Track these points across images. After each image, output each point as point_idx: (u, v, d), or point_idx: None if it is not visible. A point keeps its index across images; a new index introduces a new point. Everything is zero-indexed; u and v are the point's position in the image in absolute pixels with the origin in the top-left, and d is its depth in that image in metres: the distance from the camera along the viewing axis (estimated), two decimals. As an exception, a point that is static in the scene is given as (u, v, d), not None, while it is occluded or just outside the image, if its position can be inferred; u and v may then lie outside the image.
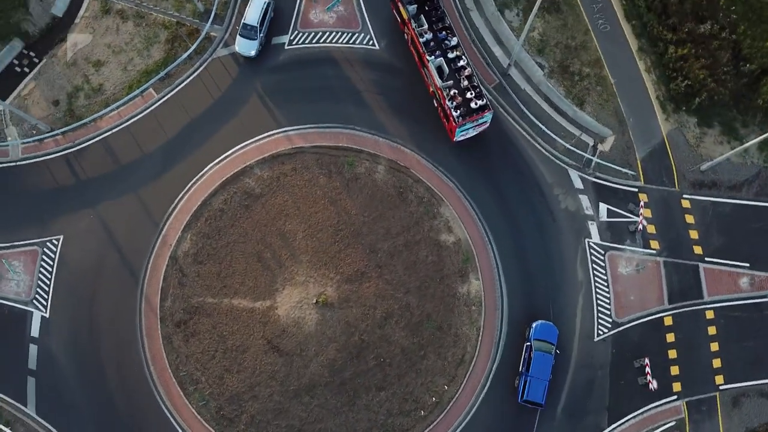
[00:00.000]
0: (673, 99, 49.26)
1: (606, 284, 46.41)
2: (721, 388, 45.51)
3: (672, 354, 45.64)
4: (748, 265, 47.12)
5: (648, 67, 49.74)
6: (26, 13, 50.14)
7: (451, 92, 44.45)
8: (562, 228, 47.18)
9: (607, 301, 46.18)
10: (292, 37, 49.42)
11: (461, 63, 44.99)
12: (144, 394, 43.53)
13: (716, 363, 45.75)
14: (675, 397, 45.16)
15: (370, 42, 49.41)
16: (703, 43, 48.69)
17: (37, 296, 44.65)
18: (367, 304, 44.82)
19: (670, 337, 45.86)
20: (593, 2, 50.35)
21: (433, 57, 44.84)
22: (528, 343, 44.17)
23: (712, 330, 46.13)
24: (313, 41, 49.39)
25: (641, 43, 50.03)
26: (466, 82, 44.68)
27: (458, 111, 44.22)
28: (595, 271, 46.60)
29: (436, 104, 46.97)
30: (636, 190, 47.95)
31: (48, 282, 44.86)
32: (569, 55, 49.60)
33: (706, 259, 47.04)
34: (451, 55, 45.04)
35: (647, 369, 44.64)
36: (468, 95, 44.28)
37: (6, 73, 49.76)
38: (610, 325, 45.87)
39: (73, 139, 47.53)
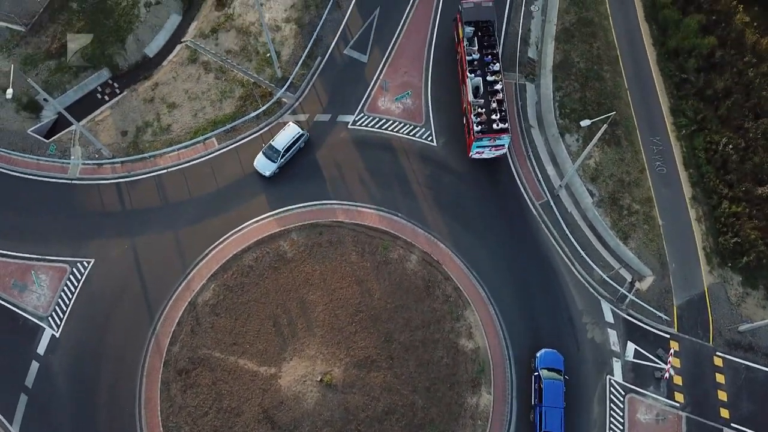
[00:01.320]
0: (719, 253, 46.24)
1: (622, 428, 42.07)
2: None
3: None
4: (776, 442, 42.31)
5: (699, 217, 47.14)
6: (121, 48, 51.40)
7: (480, 109, 45.48)
8: (585, 359, 43.51)
9: (620, 447, 41.81)
10: (357, 118, 48.98)
11: (497, 87, 46.27)
12: (128, 435, 40.63)
13: None
14: None
15: (430, 138, 48.52)
16: (759, 205, 46.03)
17: (53, 314, 42.88)
18: (371, 394, 41.47)
19: (681, 502, 40.89)
20: (653, 144, 48.71)
21: (473, 75, 46.29)
22: (536, 373, 41.60)
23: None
24: (376, 126, 48.82)
25: (695, 192, 47.69)
26: (495, 105, 45.73)
27: (480, 126, 44.87)
28: (612, 412, 42.40)
29: (464, 121, 47.48)
30: (668, 336, 44.24)
31: (68, 302, 43.16)
32: (621, 188, 47.54)
33: (733, 425, 42.34)
34: (490, 78, 46.34)
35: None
36: (493, 116, 45.35)
37: (88, 97, 50.67)
38: (618, 474, 41.29)
39: (129, 170, 47.16)
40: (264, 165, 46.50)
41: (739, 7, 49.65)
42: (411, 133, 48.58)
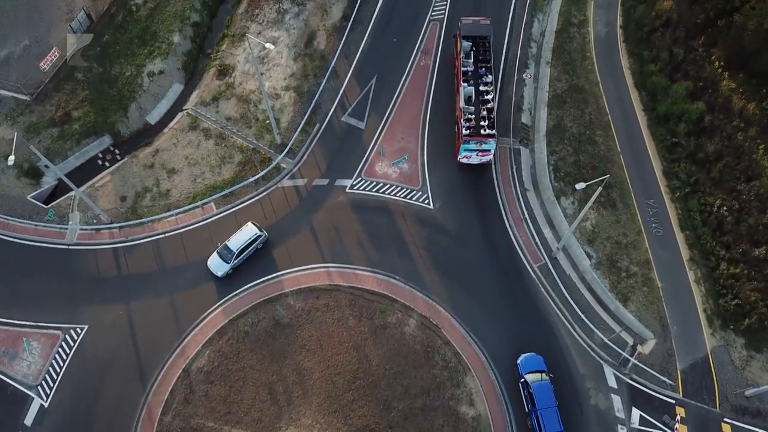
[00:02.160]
0: (721, 315, 45.49)
1: (630, 501, 40.18)
2: None
3: None
4: None
5: (698, 278, 46.67)
6: (123, 116, 52.16)
7: (470, 115, 47.72)
8: (588, 425, 41.95)
9: None
10: (354, 182, 49.20)
11: (488, 97, 48.69)
12: None
13: None
14: None
15: (426, 201, 48.62)
16: (757, 267, 45.64)
17: (43, 382, 41.51)
18: (369, 465, 39.80)
19: None
20: (649, 206, 48.81)
21: (466, 84, 48.82)
22: (522, 380, 41.88)
23: None
24: (373, 189, 48.96)
25: (693, 254, 47.41)
26: (485, 113, 47.95)
27: (468, 130, 46.93)
28: (619, 483, 40.66)
29: (456, 129, 49.16)
30: (673, 402, 42.86)
31: (58, 371, 41.85)
32: (619, 250, 47.28)
33: (744, 496, 40.60)
34: (482, 88, 48.94)
35: None
36: (482, 123, 47.60)
37: (89, 163, 50.97)
38: None
39: (127, 235, 46.88)
40: (217, 265, 44.79)
41: (724, 74, 50.89)
42: (408, 197, 48.68)
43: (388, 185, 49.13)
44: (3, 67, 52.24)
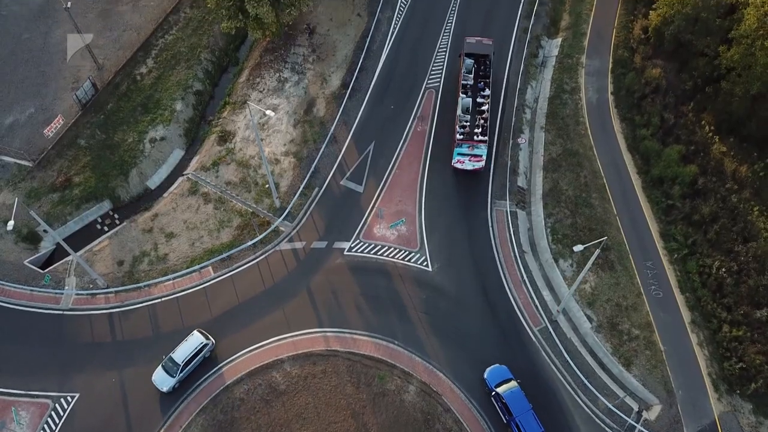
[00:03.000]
0: (726, 379, 44.47)
1: None
2: None
3: None
4: None
5: (701, 341, 45.92)
6: (124, 181, 52.66)
7: (465, 123, 51.21)
8: (597, 498, 40.37)
9: None
10: (352, 245, 49.12)
11: (484, 108, 52.23)
12: None
13: None
14: None
15: (425, 263, 48.43)
16: (760, 329, 45.01)
17: (29, 453, 40.23)
18: None
19: None
20: (647, 268, 48.59)
21: (464, 96, 52.44)
22: (493, 393, 42.38)
23: None
24: (372, 252, 48.87)
25: (694, 316, 46.84)
26: (481, 122, 51.29)
27: (462, 135, 50.45)
28: None
29: (453, 139, 52.04)
30: (683, 471, 41.44)
31: (46, 440, 40.66)
32: (619, 313, 46.72)
33: None
34: (479, 100, 52.58)
35: None
36: (476, 130, 50.97)
37: (87, 228, 51.10)
38: None
39: (123, 300, 46.35)
40: (162, 380, 42.02)
41: (715, 138, 51.88)
42: (406, 259, 48.53)
43: (386, 247, 49.07)
44: (8, 134, 53.17)
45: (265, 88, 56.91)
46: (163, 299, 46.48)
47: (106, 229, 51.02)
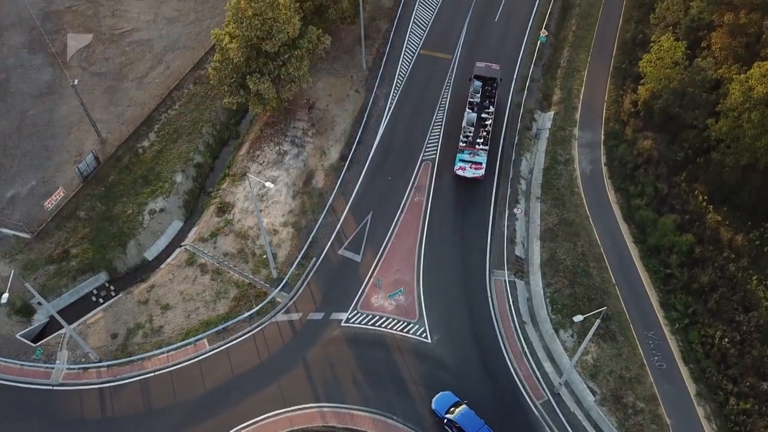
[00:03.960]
0: (737, 456, 43.06)
1: None
2: None
3: None
4: None
5: (708, 415, 44.66)
6: (122, 252, 52.65)
7: (469, 133, 56.42)
8: None
9: None
10: (350, 316, 48.59)
11: (487, 122, 57.40)
12: None
13: None
14: None
15: (424, 334, 47.75)
16: (767, 401, 44.10)
17: None
18: None
19: None
20: (649, 338, 47.88)
21: (470, 111, 57.71)
22: (445, 420, 42.69)
23: None
24: (369, 323, 48.27)
25: (699, 388, 45.79)
26: (483, 133, 56.58)
27: (464, 143, 55.63)
28: None
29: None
30: None
31: None
32: (623, 385, 45.65)
33: None
34: (484, 115, 57.93)
35: None
36: (478, 140, 56.12)
37: (83, 300, 50.62)
38: None
39: (115, 374, 45.31)
40: None
41: (709, 208, 52.50)
42: (405, 330, 47.88)
43: (384, 318, 48.53)
44: (8, 207, 53.61)
45: (265, 161, 57.95)
46: (156, 373, 45.47)
47: (101, 300, 50.52)
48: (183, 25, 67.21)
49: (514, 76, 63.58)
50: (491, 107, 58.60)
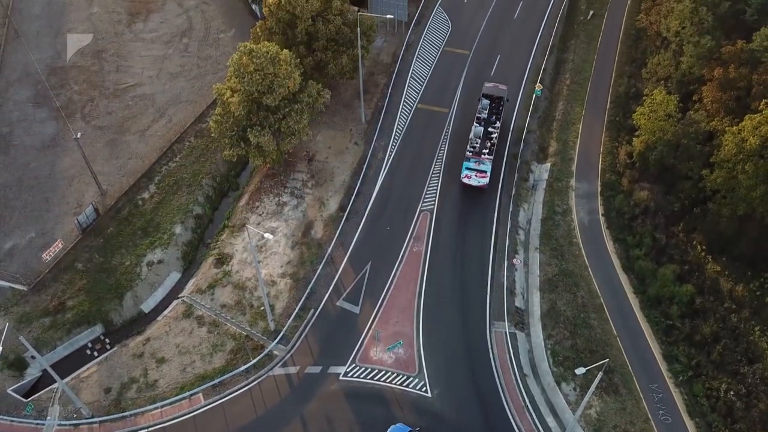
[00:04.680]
0: None
1: None
2: None
3: None
4: None
5: (717, 471, 43.55)
6: (118, 304, 52.19)
7: (475, 144, 60.15)
8: None
9: None
10: (348, 369, 47.75)
11: (493, 135, 61.12)
12: None
13: None
14: None
15: (423, 388, 46.84)
16: (778, 457, 42.97)
17: None
18: None
19: None
20: (653, 391, 47.02)
21: (477, 125, 61.47)
22: None
23: None
24: (368, 377, 47.38)
25: (707, 443, 44.81)
26: (488, 144, 60.15)
27: (470, 153, 59.19)
28: None
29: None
30: None
31: None
32: (628, 440, 44.66)
33: None
34: (490, 129, 61.66)
35: None
36: (484, 150, 59.60)
37: (77, 353, 49.80)
38: None
39: (107, 430, 44.16)
40: None
41: (708, 258, 52.47)
42: (405, 384, 46.97)
43: (383, 372, 47.67)
44: (6, 258, 53.45)
45: (264, 212, 58.19)
46: (149, 429, 44.36)
47: (96, 354, 49.72)
48: (186, 80, 68.72)
49: (511, 127, 64.69)
50: (497, 122, 62.51)
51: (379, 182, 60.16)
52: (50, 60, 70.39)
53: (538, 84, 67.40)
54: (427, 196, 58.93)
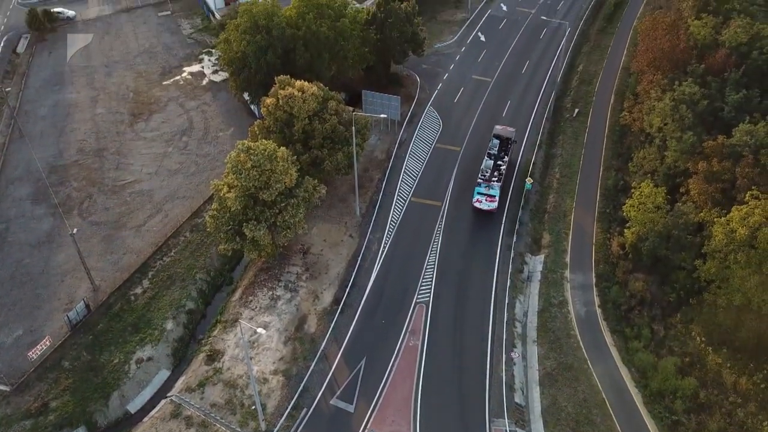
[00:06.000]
0: None
1: None
2: None
3: None
4: None
5: None
6: (104, 404, 50.24)
7: (486, 173, 66.88)
8: None
9: None
10: (342, 473, 45.49)
11: (501, 167, 67.91)
12: None
13: None
14: None
15: (422, 493, 44.42)
16: None
17: None
18: None
19: None
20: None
21: (487, 159, 68.77)
22: None
23: None
24: (363, 481, 45.06)
25: None
26: (496, 173, 66.97)
27: (481, 180, 65.75)
28: None
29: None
30: None
31: None
32: None
33: None
34: (499, 163, 68.61)
35: None
36: (493, 178, 66.12)
37: (57, 458, 47.46)
38: None
39: None
40: None
41: (708, 349, 51.58)
42: (401, 489, 44.57)
43: (379, 476, 45.38)
44: (-10, 357, 52.09)
45: (258, 306, 57.54)
46: None
47: (77, 459, 47.37)
48: (184, 176, 70.21)
49: (503, 220, 65.56)
50: (505, 157, 69.53)
51: (374, 274, 60.03)
52: (52, 158, 72.13)
53: (528, 178, 69.14)
54: (422, 288, 58.67)
